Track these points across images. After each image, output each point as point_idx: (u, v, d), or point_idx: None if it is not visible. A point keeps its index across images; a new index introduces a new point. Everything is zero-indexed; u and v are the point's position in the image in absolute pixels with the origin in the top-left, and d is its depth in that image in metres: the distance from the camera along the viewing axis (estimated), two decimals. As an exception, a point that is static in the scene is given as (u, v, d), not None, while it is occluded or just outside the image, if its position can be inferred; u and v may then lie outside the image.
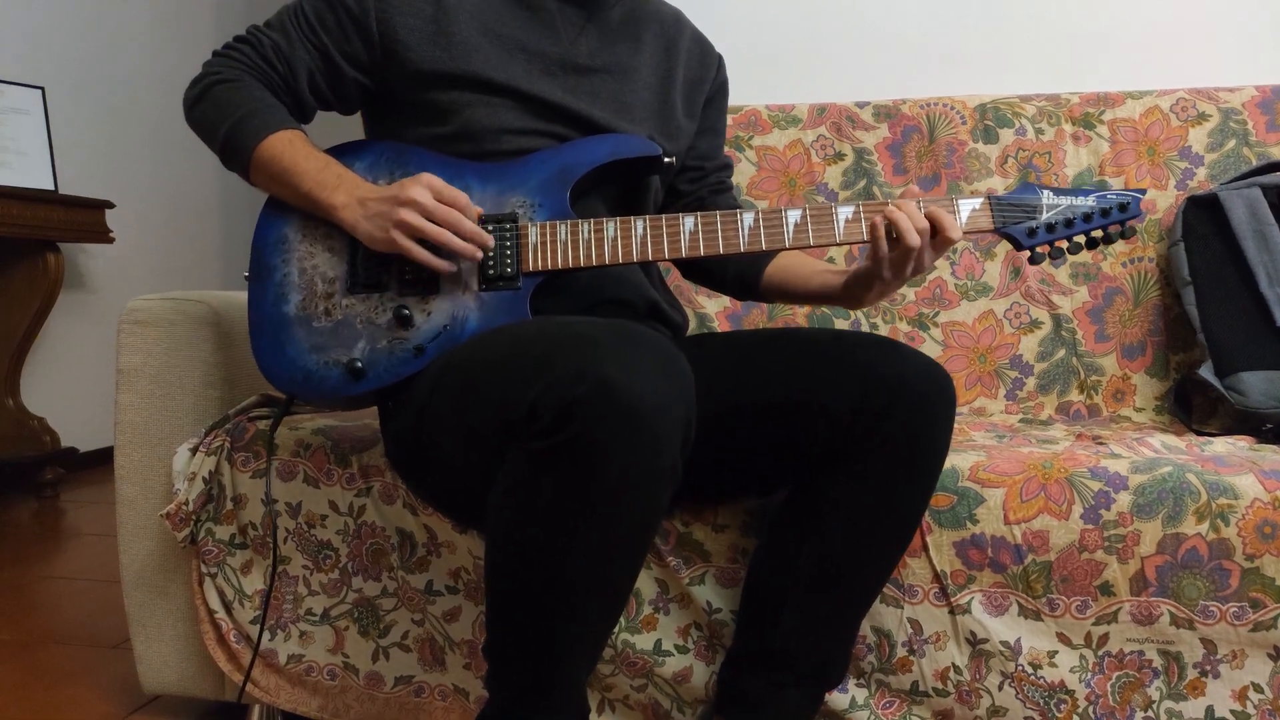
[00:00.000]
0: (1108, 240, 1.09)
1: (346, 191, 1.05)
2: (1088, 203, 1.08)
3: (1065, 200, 1.08)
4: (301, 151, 1.08)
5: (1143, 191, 1.10)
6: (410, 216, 1.01)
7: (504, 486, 0.87)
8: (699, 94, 1.28)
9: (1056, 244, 1.08)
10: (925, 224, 1.03)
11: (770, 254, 1.26)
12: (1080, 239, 1.09)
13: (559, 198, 1.08)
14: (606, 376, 0.79)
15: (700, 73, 1.28)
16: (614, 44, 1.19)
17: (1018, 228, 1.07)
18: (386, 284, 1.08)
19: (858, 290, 1.13)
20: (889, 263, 1.06)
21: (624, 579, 0.91)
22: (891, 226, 1.03)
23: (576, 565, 0.85)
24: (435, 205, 1.01)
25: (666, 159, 1.14)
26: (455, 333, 1.05)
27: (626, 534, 0.86)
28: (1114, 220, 1.08)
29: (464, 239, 1.02)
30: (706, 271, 1.32)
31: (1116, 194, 1.08)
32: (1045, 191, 1.08)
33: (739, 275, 1.29)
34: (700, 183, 1.30)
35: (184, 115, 1.15)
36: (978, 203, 1.07)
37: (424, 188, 1.02)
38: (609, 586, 0.89)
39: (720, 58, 1.33)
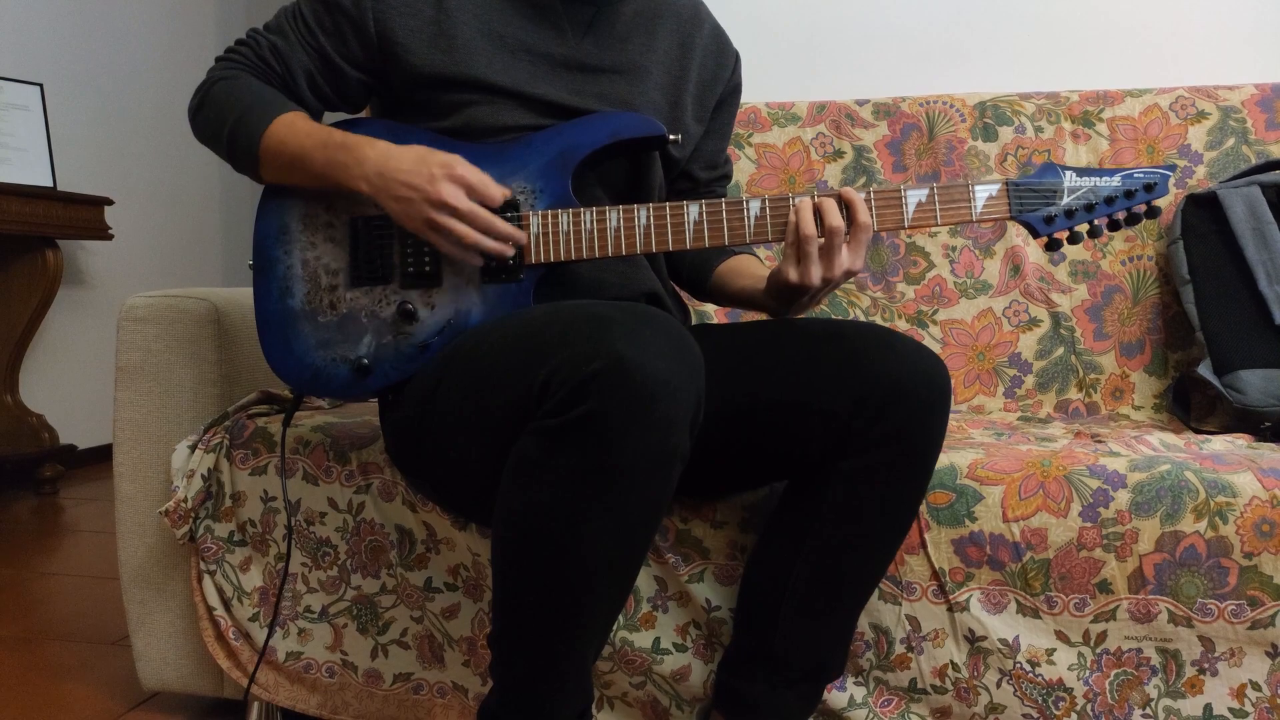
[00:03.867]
0: (1130, 222, 1.04)
1: (358, 164, 1.02)
2: (1113, 183, 1.02)
3: (1088, 182, 1.03)
4: (302, 130, 1.06)
5: (1172, 168, 1.04)
6: (446, 221, 0.99)
7: (514, 468, 0.87)
8: (711, 96, 1.24)
9: (1076, 229, 1.04)
10: (839, 221, 1.00)
11: (724, 256, 1.25)
12: (1101, 222, 1.04)
13: (560, 183, 1.06)
14: (621, 354, 0.80)
15: (715, 72, 1.24)
16: (625, 41, 1.17)
17: (1034, 215, 1.03)
18: (389, 276, 1.07)
19: (776, 297, 1.09)
20: (795, 261, 1.01)
21: (633, 559, 0.90)
22: (797, 218, 1.00)
23: (588, 543, 0.85)
24: (470, 208, 0.99)
25: (671, 137, 1.12)
26: (459, 327, 1.05)
27: (637, 512, 0.86)
28: (1139, 201, 1.03)
29: (497, 238, 1.01)
30: (670, 265, 1.29)
31: (1144, 172, 1.03)
32: (1068, 173, 1.03)
33: (692, 274, 1.28)
34: (690, 194, 1.28)
35: (191, 129, 1.14)
36: (994, 188, 1.03)
37: (455, 185, 0.99)
38: (619, 566, 0.89)
39: (737, 56, 1.28)
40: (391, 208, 1.02)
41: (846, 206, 1.01)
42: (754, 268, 1.23)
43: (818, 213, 1.01)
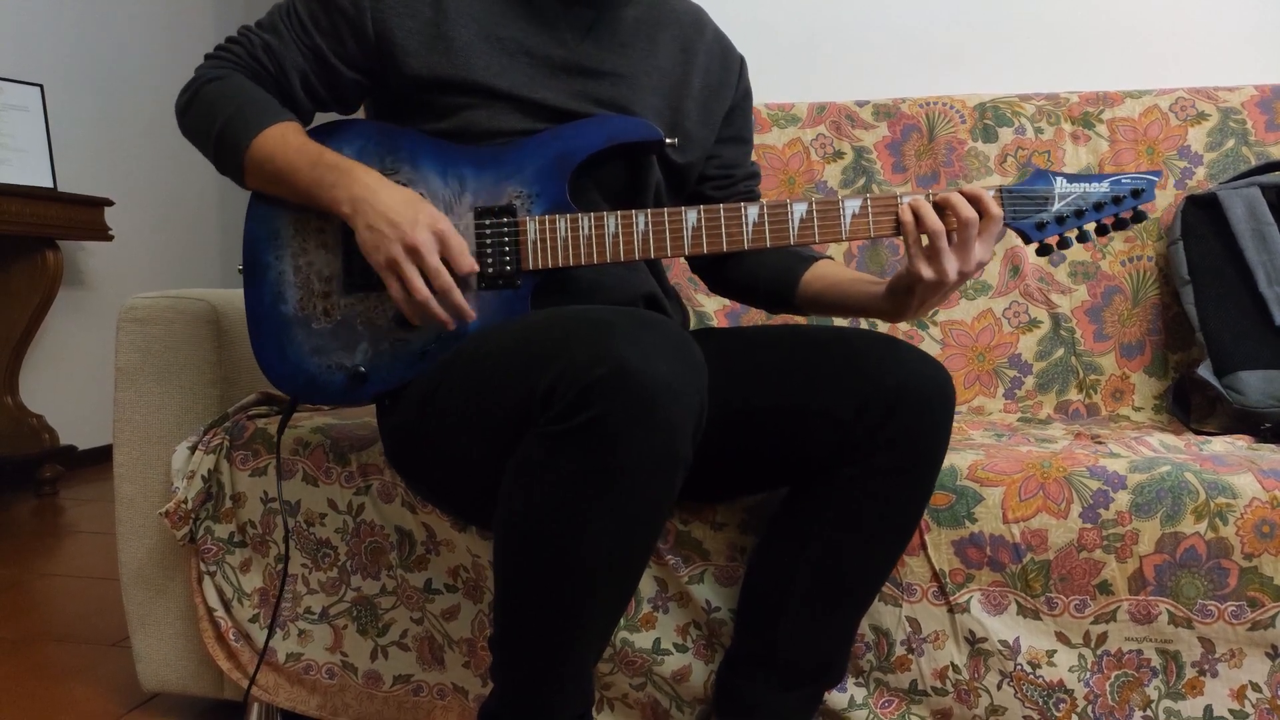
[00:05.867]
0: (1119, 226, 1.05)
1: (345, 188, 1.02)
2: (1101, 189, 1.04)
3: (1078, 188, 1.04)
4: (293, 145, 1.05)
5: (1157, 174, 1.06)
6: (406, 267, 0.98)
7: (516, 471, 0.87)
8: (718, 101, 1.23)
9: (1066, 234, 1.05)
10: (972, 214, 0.99)
11: (805, 264, 1.23)
12: (1090, 227, 1.05)
13: (557, 187, 1.06)
14: (624, 360, 0.80)
15: (721, 77, 1.23)
16: (625, 46, 1.16)
17: (1027, 221, 1.04)
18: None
19: (901, 298, 1.08)
20: (926, 256, 1.01)
21: (635, 563, 0.90)
22: (944, 205, 1.00)
23: (589, 546, 0.85)
24: (435, 266, 0.98)
25: (668, 141, 1.11)
26: (457, 333, 1.05)
27: (640, 517, 0.86)
28: (1127, 206, 1.04)
29: (448, 308, 1.00)
30: (738, 284, 1.28)
31: (1130, 178, 1.04)
32: (1058, 179, 1.04)
33: (772, 288, 1.25)
34: (727, 190, 1.27)
35: (177, 125, 1.13)
36: (989, 195, 1.03)
37: (433, 237, 0.98)
38: (620, 569, 0.89)
39: (742, 61, 1.28)
40: (362, 235, 1.00)
41: (973, 202, 1.01)
42: (851, 272, 1.21)
43: (943, 208, 1.01)
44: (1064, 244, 1.06)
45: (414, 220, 0.98)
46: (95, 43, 3.43)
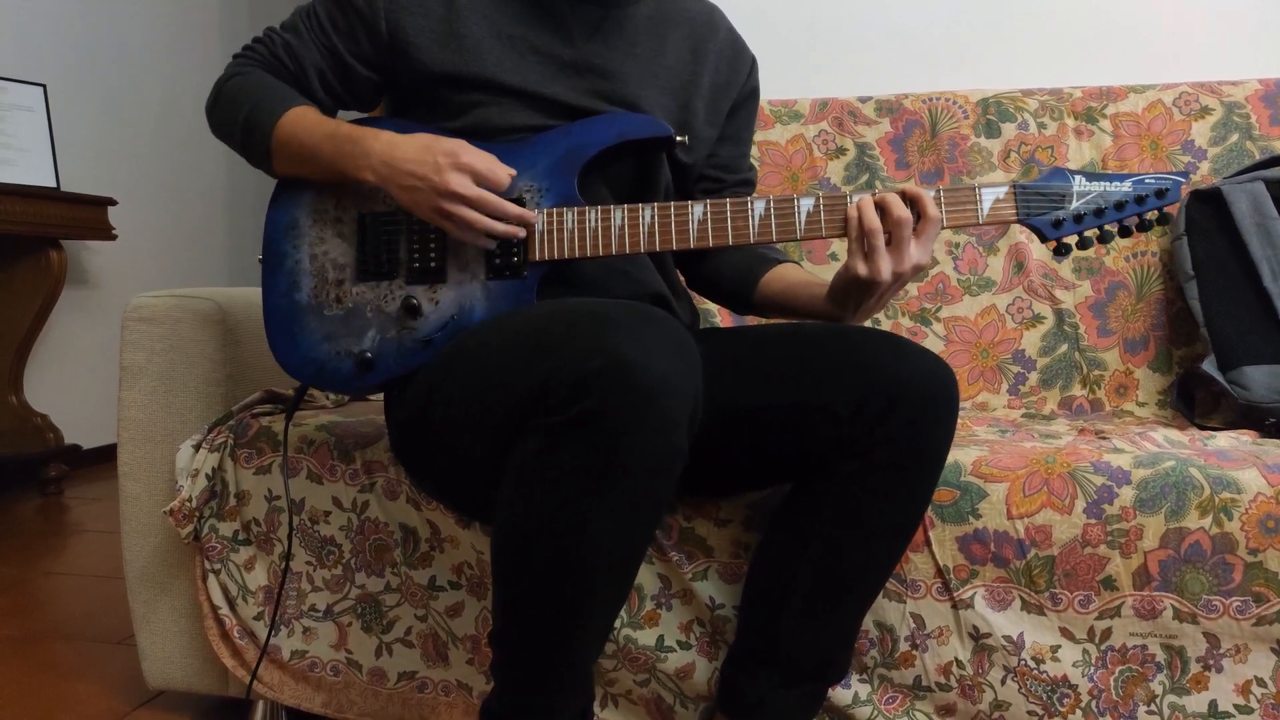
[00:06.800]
0: (1142, 228, 1.03)
1: (364, 155, 1.04)
2: (1123, 188, 1.01)
3: (1098, 187, 1.02)
4: (312, 122, 1.08)
5: (1185, 175, 1.04)
6: (455, 209, 1.00)
7: (515, 466, 0.87)
8: (725, 100, 1.24)
9: (1085, 234, 1.03)
10: (905, 213, 0.99)
11: (766, 265, 1.24)
12: (1112, 227, 1.03)
13: (566, 182, 1.07)
14: (621, 353, 0.80)
15: (730, 76, 1.24)
16: (633, 45, 1.17)
17: (1043, 219, 1.02)
18: (394, 271, 1.08)
19: (840, 298, 1.08)
20: (863, 254, 1.01)
21: (633, 558, 0.91)
22: (882, 206, 1.00)
23: (588, 542, 0.85)
24: (478, 194, 1.00)
25: (678, 139, 1.12)
26: (462, 322, 1.06)
27: (637, 510, 0.86)
28: (1150, 207, 1.02)
29: (508, 221, 1.03)
30: (706, 281, 1.30)
31: (1155, 178, 1.02)
32: (1077, 178, 1.02)
33: (733, 287, 1.26)
34: (716, 195, 1.25)
35: (208, 123, 1.16)
36: (1002, 191, 1.02)
37: (463, 174, 1.00)
38: (619, 565, 0.89)
39: (753, 61, 1.28)
40: (400, 197, 1.03)
41: (912, 202, 1.01)
42: (805, 275, 1.21)
43: (880, 207, 1.01)
44: (1084, 244, 1.03)
45: (436, 165, 1.01)
46: (98, 42, 3.44)
